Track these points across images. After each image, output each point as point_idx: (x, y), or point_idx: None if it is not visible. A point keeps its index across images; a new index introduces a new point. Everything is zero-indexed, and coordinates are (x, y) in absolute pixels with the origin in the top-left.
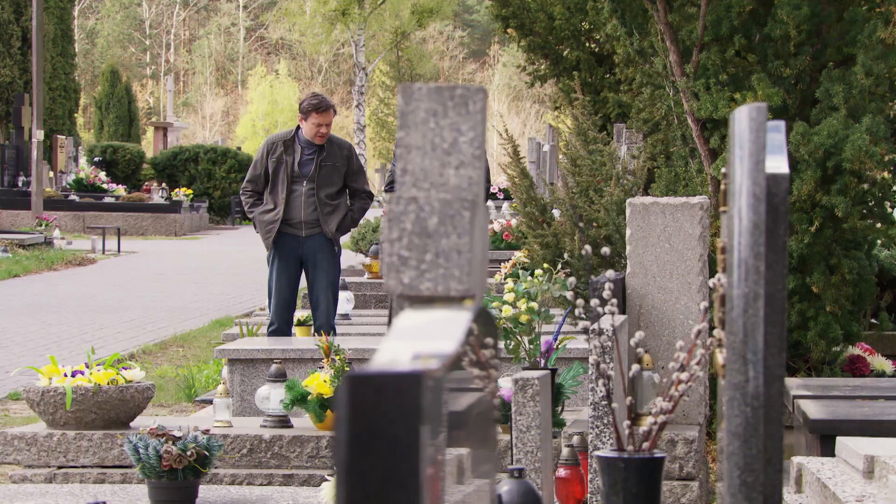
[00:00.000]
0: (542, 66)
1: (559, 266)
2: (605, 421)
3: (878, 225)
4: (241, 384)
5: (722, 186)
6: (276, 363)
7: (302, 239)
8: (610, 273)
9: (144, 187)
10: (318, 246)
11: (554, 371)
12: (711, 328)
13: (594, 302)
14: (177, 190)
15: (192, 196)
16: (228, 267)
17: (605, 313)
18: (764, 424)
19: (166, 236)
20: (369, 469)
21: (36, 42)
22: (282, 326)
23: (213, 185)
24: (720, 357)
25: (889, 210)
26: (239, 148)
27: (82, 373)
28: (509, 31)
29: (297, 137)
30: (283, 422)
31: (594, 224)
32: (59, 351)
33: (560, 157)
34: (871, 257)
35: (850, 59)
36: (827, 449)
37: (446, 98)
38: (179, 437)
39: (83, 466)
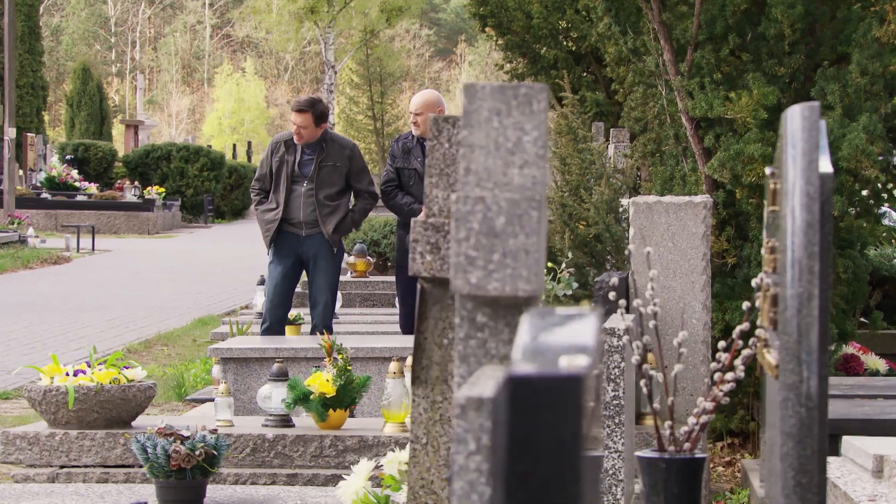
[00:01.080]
0: (520, 65)
1: (563, 265)
2: (617, 420)
3: (864, 224)
4: (235, 383)
5: (771, 185)
6: (278, 362)
7: (302, 238)
8: (614, 278)
9: (117, 185)
10: (317, 246)
11: None
12: (752, 329)
13: (637, 301)
14: (149, 188)
15: (164, 194)
16: (204, 266)
17: (640, 312)
18: (818, 425)
19: (139, 235)
20: (530, 472)
21: (8, 40)
22: (275, 325)
23: (185, 184)
24: (770, 357)
25: (878, 210)
26: (209, 146)
27: (84, 372)
28: (487, 29)
29: None
30: (285, 421)
31: (584, 223)
32: (44, 350)
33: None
34: (864, 256)
35: (845, 58)
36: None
37: (510, 97)
38: (188, 437)
39: (85, 466)
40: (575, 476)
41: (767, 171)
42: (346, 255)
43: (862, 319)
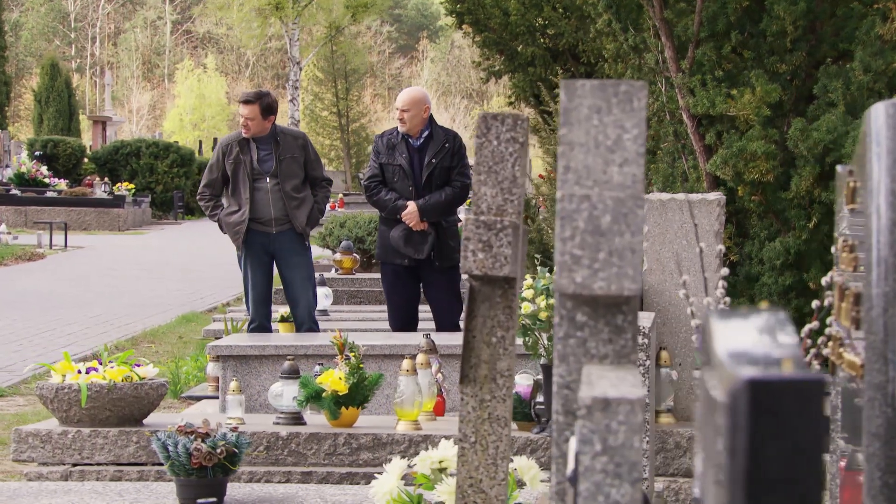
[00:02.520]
0: (497, 62)
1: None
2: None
3: None
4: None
5: (850, 184)
6: (289, 360)
7: (272, 236)
8: None
9: (87, 182)
10: (288, 242)
11: None
12: (822, 327)
13: (710, 298)
14: (119, 184)
15: (134, 191)
16: (180, 262)
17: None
18: None
19: (110, 231)
20: (772, 477)
21: None
22: (263, 323)
23: (155, 180)
24: (853, 357)
25: None
26: (176, 142)
27: (96, 369)
28: (464, 26)
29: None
30: (297, 419)
31: None
32: (32, 347)
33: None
34: None
35: (846, 56)
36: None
37: (610, 94)
38: (209, 435)
39: (98, 464)
40: (818, 480)
41: (840, 168)
42: (332, 252)
43: None
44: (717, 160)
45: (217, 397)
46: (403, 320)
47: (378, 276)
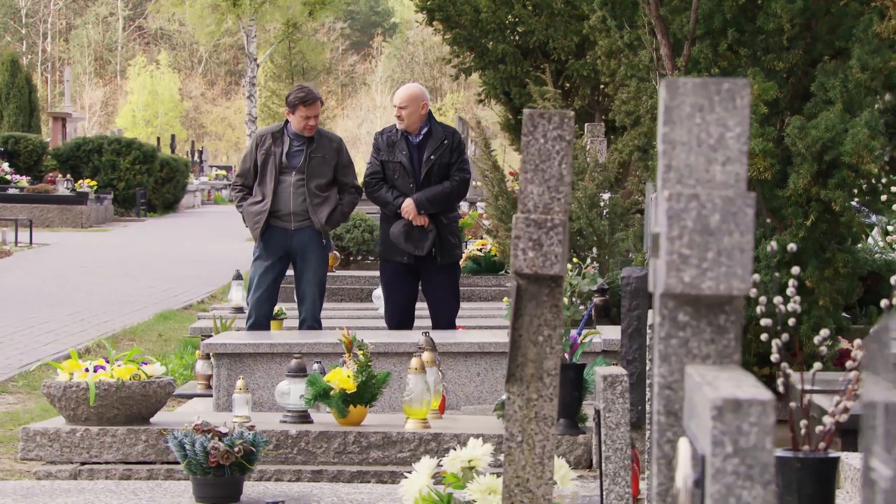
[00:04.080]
0: (468, 59)
1: (589, 260)
2: None
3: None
4: (228, 379)
5: None
6: (297, 358)
7: (291, 232)
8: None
9: (49, 179)
10: (307, 239)
11: (581, 367)
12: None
13: (777, 299)
14: (81, 181)
15: (96, 188)
16: (149, 259)
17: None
18: None
19: (73, 228)
20: None
21: None
22: (261, 320)
23: (117, 177)
24: None
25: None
26: (137, 139)
27: (104, 368)
28: (435, 23)
29: (285, 130)
30: (304, 417)
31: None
32: (13, 345)
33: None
34: (859, 251)
35: (842, 53)
36: (848, 443)
37: (713, 93)
38: (226, 434)
39: (107, 462)
40: None
41: None
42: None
43: (844, 314)
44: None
45: (209, 395)
46: (400, 318)
47: (358, 273)
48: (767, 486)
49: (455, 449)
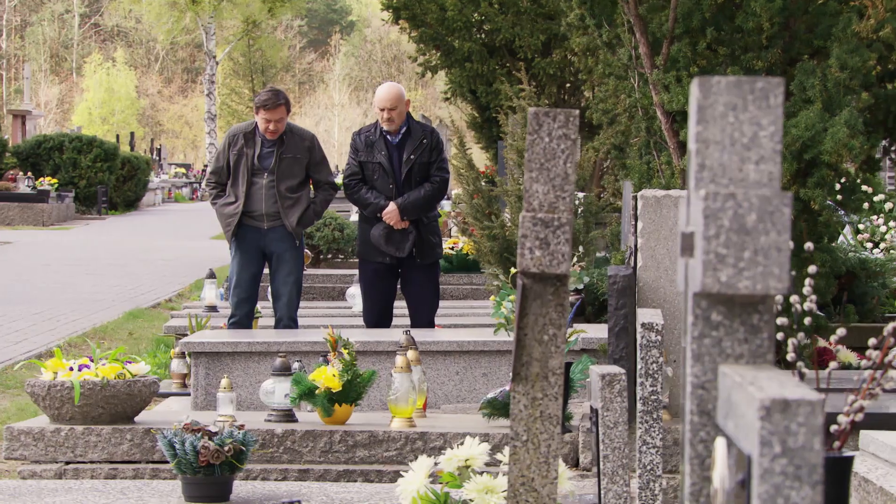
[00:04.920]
0: (434, 57)
1: (574, 259)
2: (654, 416)
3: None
4: (206, 378)
5: None
6: (281, 357)
7: (264, 231)
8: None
9: (9, 176)
10: (280, 239)
11: (567, 365)
12: None
13: (795, 298)
14: (41, 179)
15: (57, 185)
16: (113, 258)
17: None
18: None
19: (34, 226)
20: None
21: None
22: (242, 319)
23: (78, 175)
24: None
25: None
26: (96, 136)
27: (88, 367)
28: (401, 22)
29: (256, 129)
30: (288, 416)
31: None
32: None
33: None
34: (836, 250)
35: (821, 52)
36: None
37: (746, 91)
38: (216, 433)
39: (92, 462)
40: None
41: None
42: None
43: (818, 313)
44: None
45: (185, 394)
46: (379, 316)
47: (329, 271)
48: (816, 486)
49: (444, 448)
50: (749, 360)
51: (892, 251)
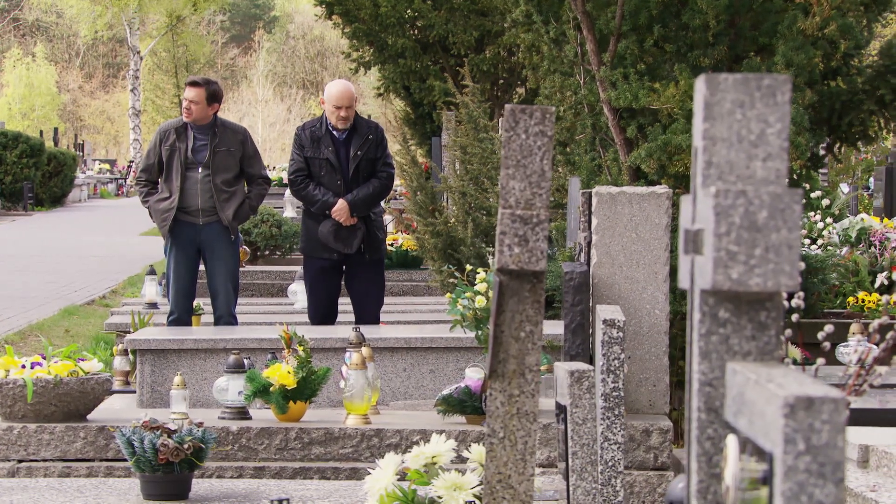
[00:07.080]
0: (367, 53)
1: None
2: (616, 412)
3: None
4: (152, 375)
5: None
6: (234, 354)
7: (199, 227)
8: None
9: None
10: (215, 234)
11: None
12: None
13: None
14: None
15: None
16: (42, 254)
17: None
18: None
19: None
20: None
21: None
22: (182, 316)
23: (3, 171)
24: None
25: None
26: (21, 132)
27: (41, 364)
28: (334, 17)
29: (188, 124)
30: (242, 413)
31: (486, 212)
32: None
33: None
34: None
35: (765, 50)
36: None
37: (753, 88)
38: (175, 430)
39: (45, 460)
40: None
41: None
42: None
43: None
44: (641, 153)
45: (130, 391)
46: (324, 313)
47: (268, 268)
48: (839, 483)
49: (400, 444)
50: (757, 358)
51: (829, 248)
